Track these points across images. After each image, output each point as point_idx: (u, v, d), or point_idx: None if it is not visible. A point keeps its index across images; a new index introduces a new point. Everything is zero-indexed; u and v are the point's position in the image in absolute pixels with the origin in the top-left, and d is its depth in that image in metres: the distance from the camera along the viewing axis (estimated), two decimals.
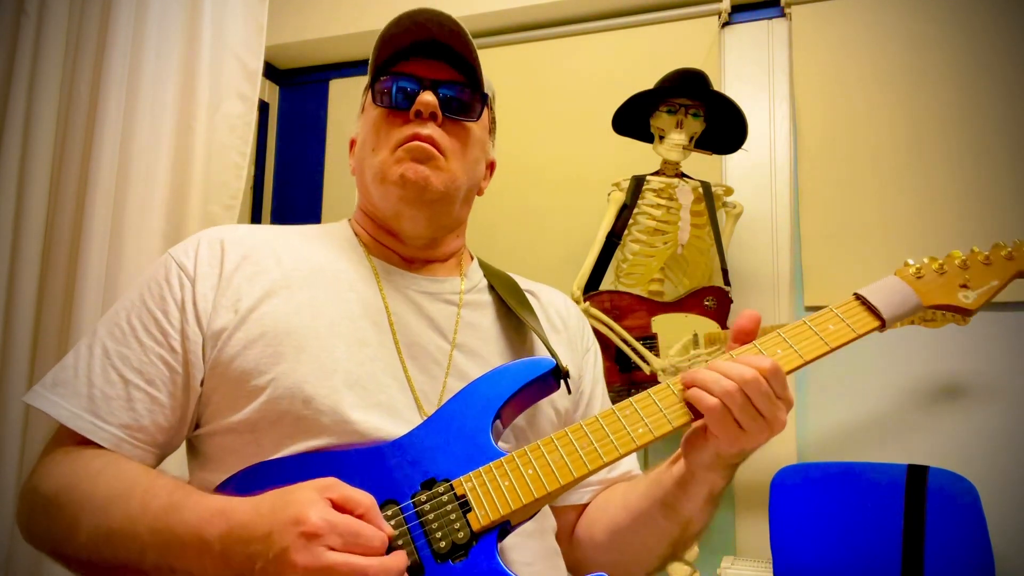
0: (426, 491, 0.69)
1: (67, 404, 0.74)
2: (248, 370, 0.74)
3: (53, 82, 1.58)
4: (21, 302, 1.52)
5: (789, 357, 0.72)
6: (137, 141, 1.51)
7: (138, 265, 1.49)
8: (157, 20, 1.55)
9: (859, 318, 0.74)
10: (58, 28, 1.59)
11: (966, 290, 0.77)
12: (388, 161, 0.83)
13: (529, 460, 0.70)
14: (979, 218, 1.80)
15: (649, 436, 0.70)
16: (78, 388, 0.74)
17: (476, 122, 0.87)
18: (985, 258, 0.79)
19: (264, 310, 0.77)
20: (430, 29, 0.84)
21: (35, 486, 0.73)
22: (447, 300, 0.87)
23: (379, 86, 0.86)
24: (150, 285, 0.79)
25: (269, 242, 0.84)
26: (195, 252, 0.80)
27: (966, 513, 1.48)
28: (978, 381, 1.77)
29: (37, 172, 1.56)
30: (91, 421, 0.73)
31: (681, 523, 0.80)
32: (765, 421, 0.70)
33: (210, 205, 1.55)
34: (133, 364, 0.75)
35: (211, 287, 0.78)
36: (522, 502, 0.67)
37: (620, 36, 2.19)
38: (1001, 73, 1.83)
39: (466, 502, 0.68)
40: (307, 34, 2.37)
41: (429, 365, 0.82)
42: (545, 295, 0.99)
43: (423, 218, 0.85)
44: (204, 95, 1.54)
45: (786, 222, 1.99)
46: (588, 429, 0.71)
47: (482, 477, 0.69)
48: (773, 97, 2.06)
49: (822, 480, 1.61)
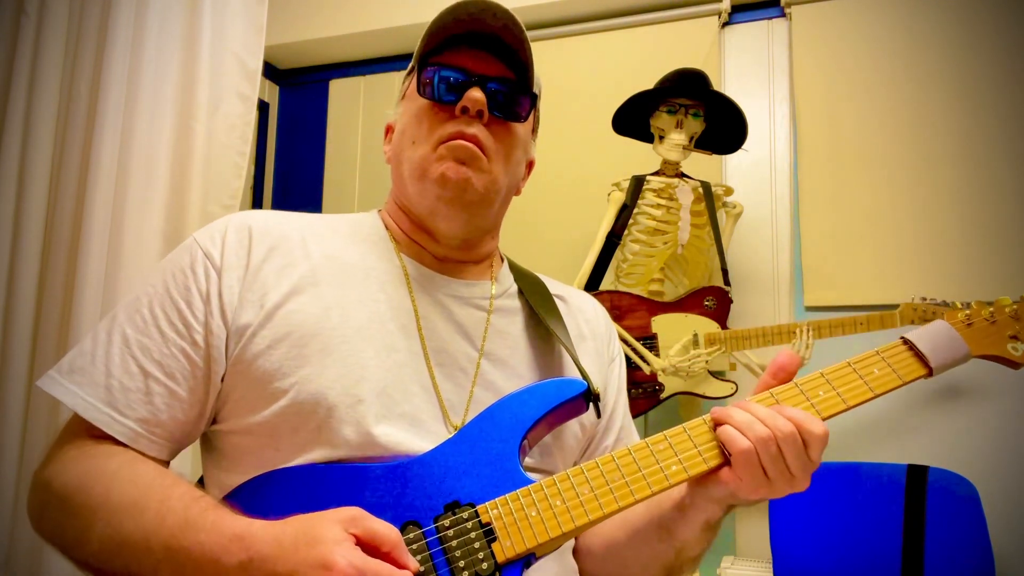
0: (450, 515, 0.66)
1: (84, 393, 0.71)
2: (271, 371, 0.71)
3: (53, 82, 1.58)
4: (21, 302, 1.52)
5: (831, 402, 0.70)
6: (137, 141, 1.51)
7: (138, 265, 1.49)
8: (157, 20, 1.55)
9: (906, 364, 0.72)
10: (58, 28, 1.59)
11: (1016, 342, 0.74)
12: (429, 157, 0.79)
13: (558, 492, 0.67)
14: (979, 217, 1.80)
15: (683, 475, 0.68)
16: (95, 377, 0.72)
17: (523, 123, 0.84)
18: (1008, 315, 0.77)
19: (291, 307, 0.74)
20: (484, 20, 0.79)
21: (48, 480, 0.70)
22: (477, 305, 0.84)
23: (425, 75, 0.80)
24: (175, 273, 0.76)
25: (298, 232, 0.80)
26: (222, 240, 0.77)
27: (966, 513, 1.48)
28: (978, 381, 1.77)
29: (37, 172, 1.56)
30: (108, 413, 0.70)
31: (676, 547, 0.78)
32: (792, 478, 0.67)
33: (210, 205, 1.55)
34: (154, 356, 0.72)
35: (237, 279, 0.75)
36: (549, 536, 0.65)
37: (620, 36, 2.19)
38: (1001, 73, 1.83)
39: (491, 531, 0.66)
40: (307, 34, 2.37)
41: (456, 373, 0.79)
42: (575, 300, 0.96)
43: (460, 219, 0.81)
44: (204, 95, 1.54)
45: (786, 222, 1.99)
46: (620, 463, 0.68)
47: (509, 506, 0.66)
48: (773, 97, 2.06)
49: (822, 480, 1.61)
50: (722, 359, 1.70)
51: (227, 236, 0.78)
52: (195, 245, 0.78)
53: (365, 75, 2.52)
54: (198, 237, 0.79)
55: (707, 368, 1.67)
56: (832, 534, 1.56)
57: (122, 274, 1.47)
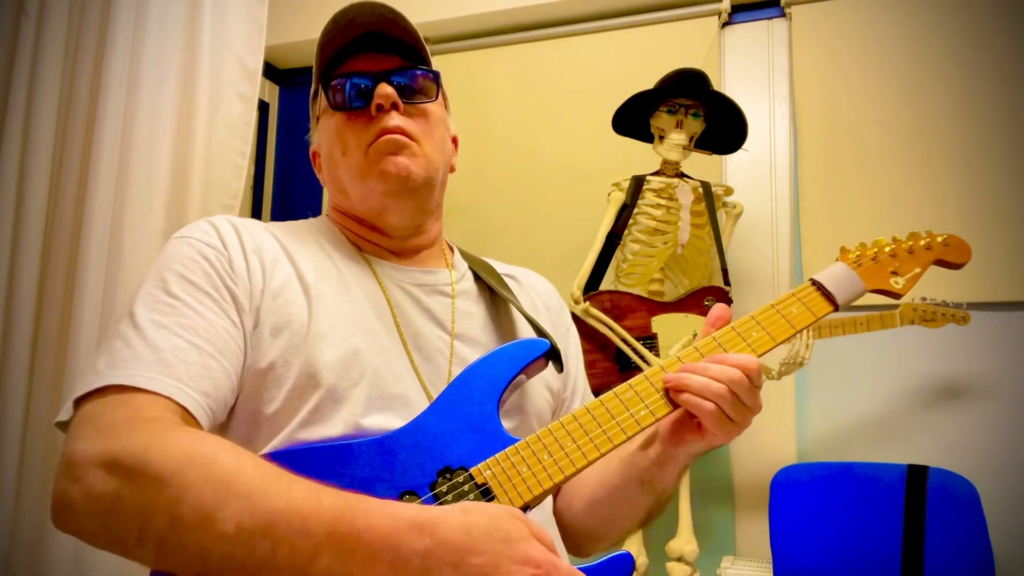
0: (445, 481, 0.68)
1: (140, 371, 0.64)
2: (273, 358, 0.73)
3: (53, 82, 1.58)
4: (21, 302, 1.52)
5: (763, 339, 0.78)
6: (137, 141, 1.51)
7: (138, 265, 1.49)
8: (157, 20, 1.56)
9: (817, 302, 0.81)
10: (58, 28, 1.59)
11: (896, 276, 0.85)
12: (364, 162, 0.83)
13: (544, 447, 0.71)
14: (979, 217, 1.80)
15: (651, 418, 0.74)
16: (144, 357, 0.65)
17: (435, 102, 0.88)
18: (909, 247, 0.88)
19: (286, 298, 0.76)
20: (366, 22, 0.85)
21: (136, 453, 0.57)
22: (442, 292, 0.88)
23: (332, 91, 0.85)
24: (182, 263, 0.74)
25: (269, 235, 0.83)
26: (212, 231, 0.78)
27: (966, 513, 1.48)
28: (978, 381, 1.77)
29: (37, 172, 1.56)
30: (175, 384, 0.64)
31: (657, 494, 0.84)
32: (749, 410, 0.74)
33: (210, 205, 1.55)
34: (200, 332, 0.69)
35: (241, 266, 0.76)
36: (543, 488, 0.68)
37: (620, 36, 2.19)
38: (1001, 72, 1.83)
39: (488, 490, 0.68)
40: (307, 34, 2.37)
41: (434, 355, 0.83)
42: (526, 278, 1.02)
43: (408, 208, 0.86)
44: (204, 95, 1.54)
45: (786, 222, 1.99)
46: (594, 414, 0.74)
47: (500, 465, 0.69)
48: (773, 97, 2.05)
49: (822, 480, 1.61)
50: None
51: (216, 227, 0.79)
52: (189, 240, 0.77)
53: None
54: (186, 235, 0.77)
55: None
56: (832, 534, 1.56)
57: (122, 274, 1.47)
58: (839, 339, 1.69)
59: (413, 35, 0.86)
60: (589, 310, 1.71)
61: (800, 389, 1.90)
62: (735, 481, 1.92)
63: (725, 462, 1.93)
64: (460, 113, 2.30)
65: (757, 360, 0.74)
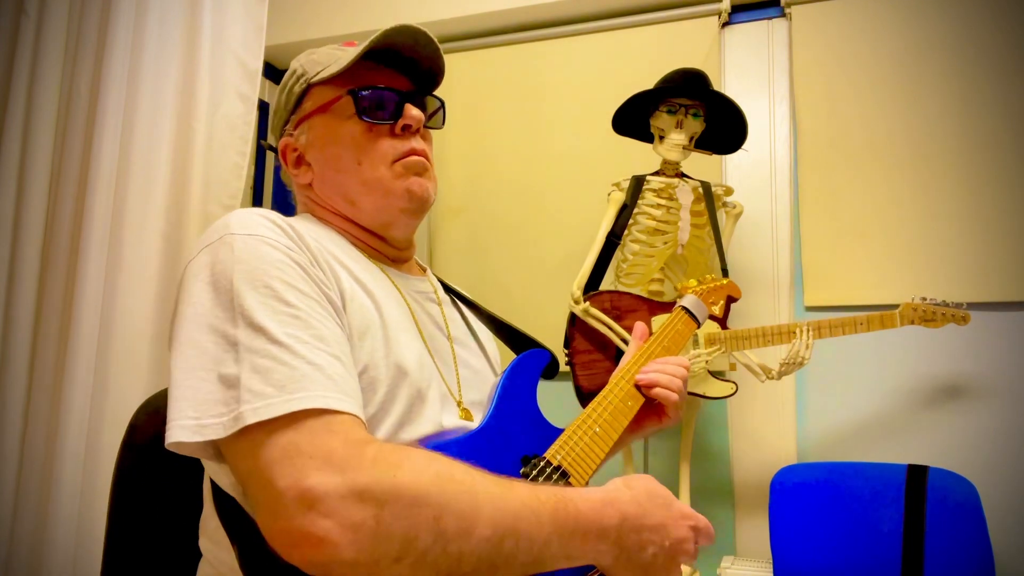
0: (531, 468, 0.78)
1: (320, 391, 0.61)
2: (366, 363, 0.72)
3: (53, 82, 1.59)
4: (21, 302, 1.52)
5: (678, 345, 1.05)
6: (137, 141, 1.52)
7: (138, 265, 1.49)
8: (157, 20, 1.56)
9: (688, 323, 1.10)
10: (58, 28, 1.60)
11: (714, 305, 1.24)
12: (387, 176, 0.85)
13: (590, 422, 0.86)
14: (979, 217, 1.80)
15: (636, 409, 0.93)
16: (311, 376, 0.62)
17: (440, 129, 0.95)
18: (710, 288, 1.26)
19: (360, 301, 0.75)
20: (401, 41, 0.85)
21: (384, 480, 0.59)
22: (431, 299, 0.93)
23: (362, 98, 0.85)
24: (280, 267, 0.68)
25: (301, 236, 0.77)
26: (288, 236, 0.72)
27: (966, 513, 1.48)
28: (978, 381, 1.77)
29: (37, 172, 1.56)
30: (351, 402, 0.63)
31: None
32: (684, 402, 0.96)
33: (210, 205, 1.55)
34: (332, 343, 0.66)
35: (321, 275, 0.72)
36: (601, 456, 0.83)
37: (620, 36, 2.19)
38: (1001, 72, 1.83)
39: (563, 469, 0.79)
40: (307, 34, 2.37)
41: (447, 358, 0.88)
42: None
43: (413, 225, 0.91)
44: (204, 95, 1.55)
45: (786, 222, 1.99)
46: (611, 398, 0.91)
47: (563, 449, 0.81)
48: (773, 97, 2.05)
49: (822, 480, 1.61)
50: (722, 359, 1.70)
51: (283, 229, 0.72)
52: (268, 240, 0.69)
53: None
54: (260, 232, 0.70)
55: (707, 368, 1.67)
56: (832, 534, 1.56)
57: (122, 274, 1.47)
58: (839, 339, 1.69)
59: (438, 64, 0.90)
60: (589, 310, 1.71)
61: (800, 389, 1.90)
62: (735, 481, 1.92)
63: (725, 462, 1.94)
64: (460, 113, 2.31)
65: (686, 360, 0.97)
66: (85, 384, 1.44)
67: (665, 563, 0.72)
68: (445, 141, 2.31)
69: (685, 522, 0.74)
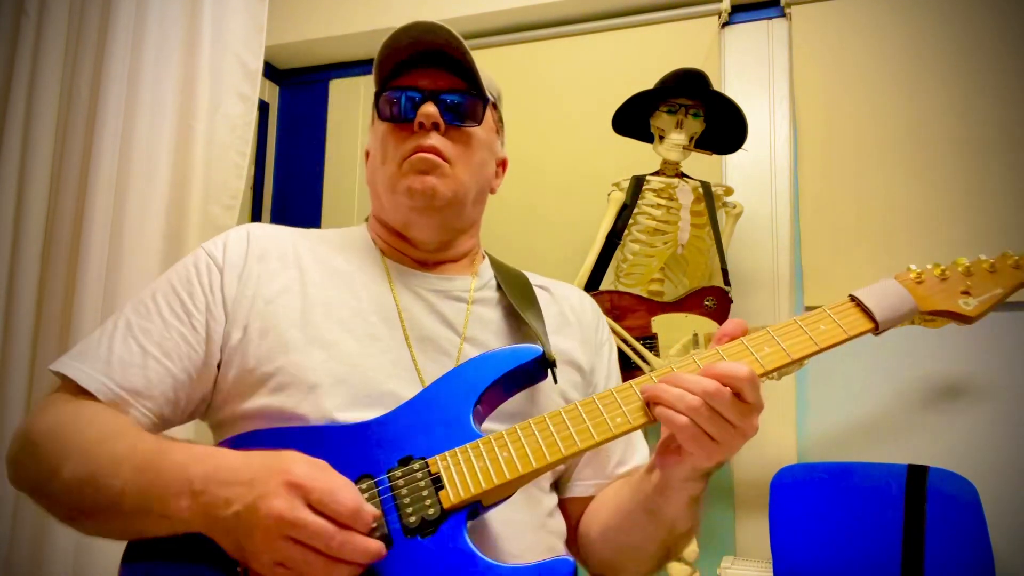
0: (402, 468, 0.71)
1: (85, 367, 0.77)
2: (260, 357, 0.78)
3: (53, 82, 1.58)
4: (21, 302, 1.52)
5: (775, 355, 0.71)
6: (137, 141, 1.52)
7: (138, 265, 1.49)
8: (157, 20, 1.56)
9: (852, 319, 0.73)
10: (58, 28, 1.59)
11: (967, 297, 0.76)
12: (396, 175, 0.87)
13: (505, 443, 0.71)
14: (979, 217, 1.80)
15: (627, 426, 0.70)
16: (99, 354, 0.78)
17: (479, 126, 0.90)
18: (991, 266, 0.78)
19: (281, 303, 0.82)
20: (424, 41, 0.87)
21: (28, 426, 0.76)
22: (457, 297, 0.90)
23: (383, 100, 0.89)
24: (179, 271, 0.84)
25: (291, 241, 0.89)
26: (223, 245, 0.86)
27: (966, 513, 1.48)
28: (978, 381, 1.77)
29: (37, 172, 1.56)
30: (103, 382, 0.76)
31: (666, 526, 0.80)
32: (736, 430, 0.67)
33: (210, 205, 1.55)
34: (154, 338, 0.79)
35: (236, 276, 0.83)
36: (494, 483, 0.68)
37: (620, 36, 2.19)
38: (1001, 72, 1.83)
39: (439, 479, 0.69)
40: (307, 34, 2.37)
41: (439, 356, 0.85)
42: (560, 290, 1.01)
43: (433, 225, 0.89)
44: (204, 95, 1.55)
45: (786, 222, 1.99)
46: (567, 416, 0.72)
47: (457, 457, 0.70)
48: (773, 97, 2.05)
49: (822, 480, 1.61)
50: None
51: (228, 242, 0.86)
52: (200, 251, 0.86)
53: (365, 75, 2.52)
54: (203, 245, 0.87)
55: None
56: (832, 534, 1.56)
57: (122, 274, 1.47)
58: None
59: (469, 60, 0.88)
60: None
61: (800, 389, 1.90)
62: (735, 481, 1.92)
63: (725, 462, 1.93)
64: None
65: (747, 371, 0.66)
66: None
67: (250, 522, 0.60)
68: None
69: (279, 476, 0.61)
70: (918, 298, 0.75)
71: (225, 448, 0.69)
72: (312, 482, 0.61)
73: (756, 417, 0.68)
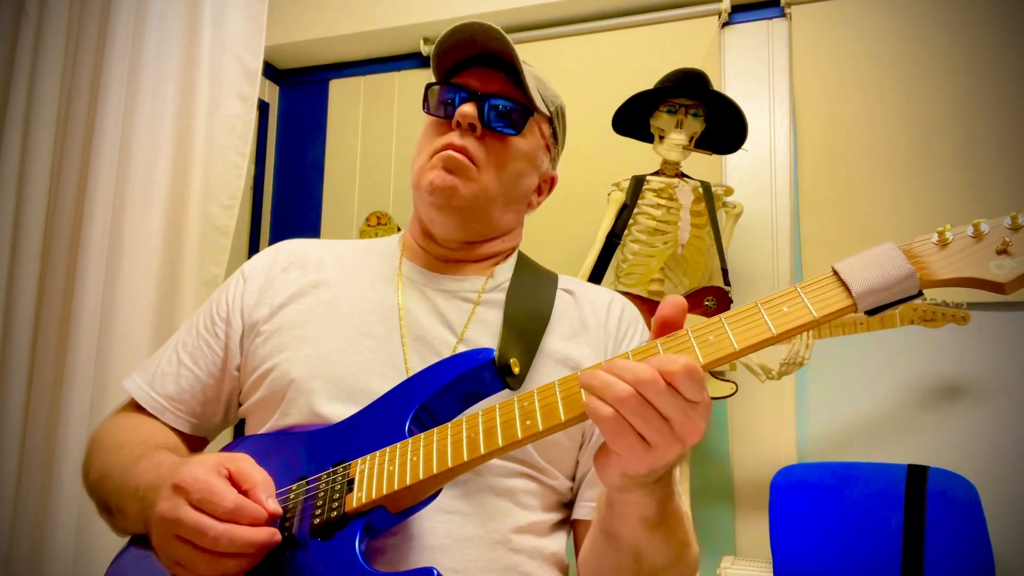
0: (330, 471, 0.71)
1: (138, 380, 0.90)
2: (263, 356, 0.84)
3: (53, 82, 1.58)
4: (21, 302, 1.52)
5: (719, 345, 0.58)
6: (137, 141, 1.52)
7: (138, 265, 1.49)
8: (157, 20, 1.56)
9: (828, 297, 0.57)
10: (58, 28, 1.59)
11: (1004, 257, 0.57)
12: (424, 167, 0.87)
13: (418, 446, 0.66)
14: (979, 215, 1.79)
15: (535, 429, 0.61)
16: (150, 367, 0.91)
17: (519, 136, 0.88)
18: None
19: (291, 307, 0.87)
20: (489, 45, 0.86)
21: (93, 432, 0.90)
22: (464, 298, 0.88)
23: (430, 93, 0.89)
24: (219, 290, 0.94)
25: (322, 252, 0.93)
26: (257, 260, 0.94)
27: (966, 513, 1.48)
28: (978, 381, 1.77)
29: (37, 172, 1.56)
30: (146, 391, 0.88)
31: (631, 553, 0.70)
32: (672, 431, 0.56)
33: (210, 205, 1.55)
34: (189, 349, 0.90)
35: (258, 287, 0.90)
36: (395, 487, 0.65)
37: (620, 36, 2.19)
38: (1000, 71, 1.83)
39: (352, 481, 0.68)
40: (307, 34, 2.37)
41: (431, 357, 0.82)
42: (587, 295, 0.96)
43: (452, 224, 0.88)
44: (204, 95, 1.55)
45: (786, 222, 1.99)
46: (483, 417, 0.65)
47: (375, 460, 0.68)
48: (773, 97, 2.06)
49: (822, 480, 1.61)
50: None
51: (261, 256, 0.94)
52: (240, 269, 0.94)
53: (365, 75, 2.52)
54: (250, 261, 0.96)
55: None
56: (832, 534, 1.56)
57: (122, 274, 1.47)
58: (839, 339, 1.69)
59: (519, 70, 0.86)
60: None
61: (800, 389, 1.90)
62: (735, 481, 1.92)
63: (725, 462, 1.93)
64: None
65: (681, 357, 0.55)
66: (85, 384, 1.44)
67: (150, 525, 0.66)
68: None
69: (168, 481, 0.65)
70: (921, 267, 0.57)
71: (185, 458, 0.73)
72: (193, 483, 0.64)
73: (700, 419, 0.56)
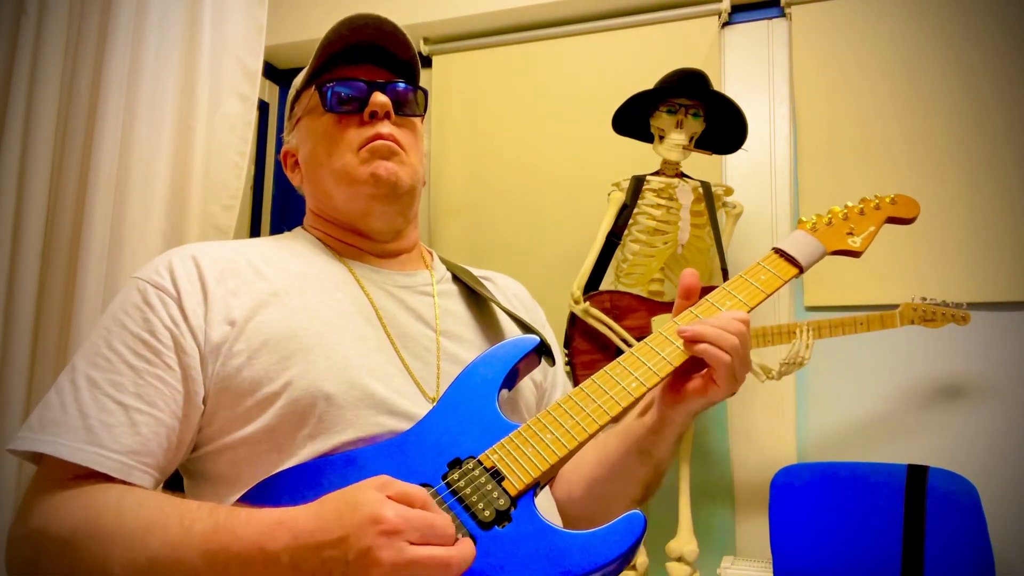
0: (456, 470, 0.71)
1: (63, 440, 0.69)
2: (257, 379, 0.74)
3: (53, 82, 1.58)
4: (21, 302, 1.52)
5: (738, 306, 0.84)
6: (137, 141, 1.51)
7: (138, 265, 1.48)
8: (157, 20, 1.55)
9: (782, 267, 0.87)
10: (58, 28, 1.59)
11: (852, 236, 0.92)
12: (353, 163, 0.86)
13: (545, 426, 0.75)
14: (980, 217, 1.80)
15: (655, 378, 0.77)
16: (72, 422, 0.70)
17: (421, 118, 0.93)
18: (860, 210, 0.95)
19: (260, 319, 0.77)
20: (369, 35, 0.88)
21: (41, 528, 0.68)
22: (422, 291, 0.91)
23: (326, 92, 0.88)
24: (127, 311, 0.76)
25: (241, 255, 0.83)
26: (169, 272, 0.78)
27: (966, 513, 1.48)
28: (978, 381, 1.77)
29: (37, 172, 1.56)
30: (95, 451, 0.69)
31: (654, 464, 0.85)
32: (744, 368, 0.78)
33: (210, 205, 1.55)
34: (129, 389, 0.72)
35: (198, 303, 0.76)
36: (549, 463, 0.72)
37: (620, 36, 2.19)
38: (1001, 71, 1.83)
39: (497, 472, 0.71)
40: (307, 34, 2.37)
41: (421, 353, 0.85)
42: (500, 280, 1.05)
43: (392, 213, 0.89)
44: (204, 95, 1.54)
45: (786, 222, 1.99)
46: (588, 390, 0.78)
47: (506, 448, 0.73)
48: (773, 97, 2.06)
49: (822, 480, 1.61)
50: None
51: (173, 267, 0.79)
52: (140, 283, 0.78)
53: None
54: (140, 275, 0.79)
55: None
56: (832, 534, 1.56)
57: (122, 275, 1.47)
58: (839, 339, 1.69)
59: (410, 52, 0.90)
60: (589, 310, 1.71)
61: (800, 389, 1.90)
62: (735, 481, 1.92)
63: (725, 462, 1.94)
64: (460, 113, 2.31)
65: (746, 315, 0.80)
66: None
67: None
68: (445, 141, 2.31)
69: (373, 528, 0.58)
70: (822, 242, 0.90)
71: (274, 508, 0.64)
72: (405, 522, 0.58)
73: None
